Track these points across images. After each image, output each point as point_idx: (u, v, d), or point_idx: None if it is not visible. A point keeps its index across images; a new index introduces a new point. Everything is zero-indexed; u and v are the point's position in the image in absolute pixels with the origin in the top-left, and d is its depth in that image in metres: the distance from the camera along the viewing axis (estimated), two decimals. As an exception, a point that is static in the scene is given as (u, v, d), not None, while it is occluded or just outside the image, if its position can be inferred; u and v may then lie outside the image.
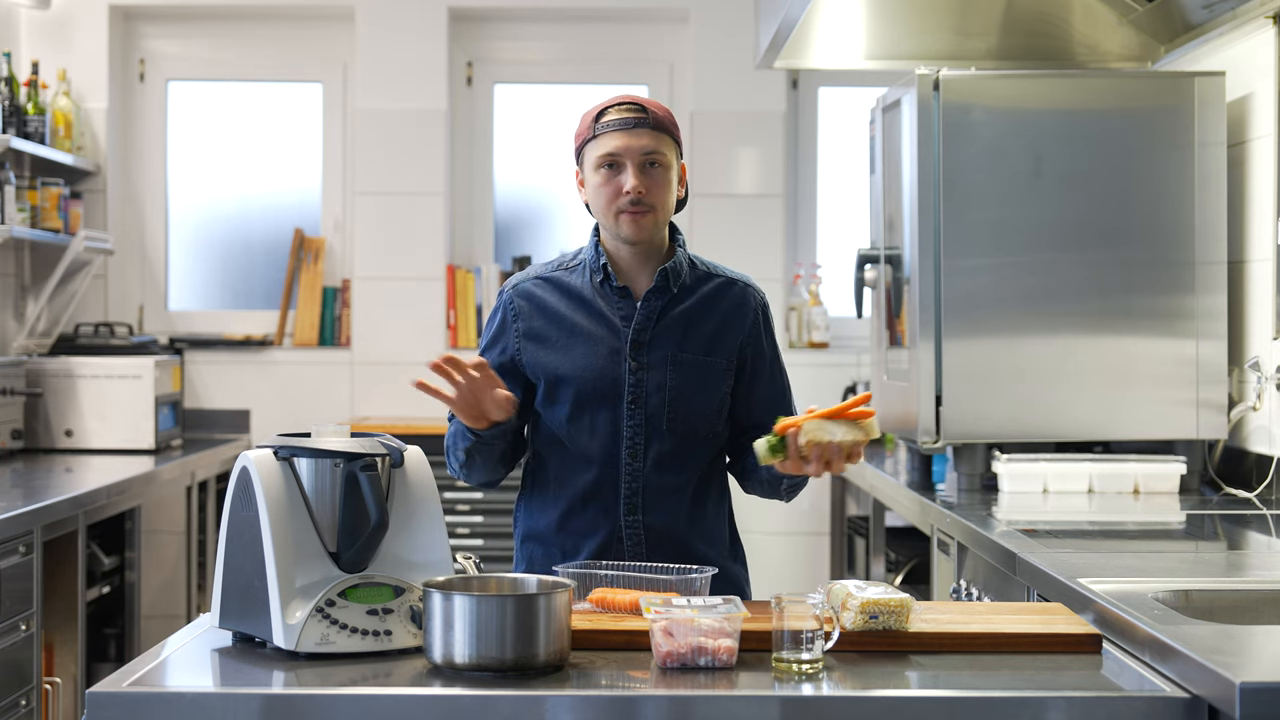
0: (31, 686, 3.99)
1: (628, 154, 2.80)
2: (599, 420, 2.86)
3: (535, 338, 2.89)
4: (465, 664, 2.13)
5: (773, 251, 6.17)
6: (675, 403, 2.86)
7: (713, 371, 2.90)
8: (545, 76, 6.39)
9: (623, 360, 2.86)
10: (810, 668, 2.17)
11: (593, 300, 2.89)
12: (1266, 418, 4.02)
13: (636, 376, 2.85)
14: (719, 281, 2.94)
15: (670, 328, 2.88)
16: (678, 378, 2.86)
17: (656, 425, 2.86)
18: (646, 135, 2.81)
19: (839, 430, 2.60)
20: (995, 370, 4.18)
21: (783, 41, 4.86)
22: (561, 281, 2.93)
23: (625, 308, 2.88)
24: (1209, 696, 2.00)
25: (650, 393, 2.86)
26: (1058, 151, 4.19)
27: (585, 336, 2.87)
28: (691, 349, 2.88)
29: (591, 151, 2.84)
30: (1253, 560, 3.24)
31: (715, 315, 2.91)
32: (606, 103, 2.86)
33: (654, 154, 2.81)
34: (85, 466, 5.09)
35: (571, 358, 2.87)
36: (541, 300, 2.91)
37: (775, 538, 6.12)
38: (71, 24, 6.06)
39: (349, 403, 6.16)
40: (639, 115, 2.82)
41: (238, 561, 2.34)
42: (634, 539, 2.87)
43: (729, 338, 2.91)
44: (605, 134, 2.81)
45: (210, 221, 6.37)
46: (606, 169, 2.82)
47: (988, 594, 3.32)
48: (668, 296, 2.88)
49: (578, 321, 2.89)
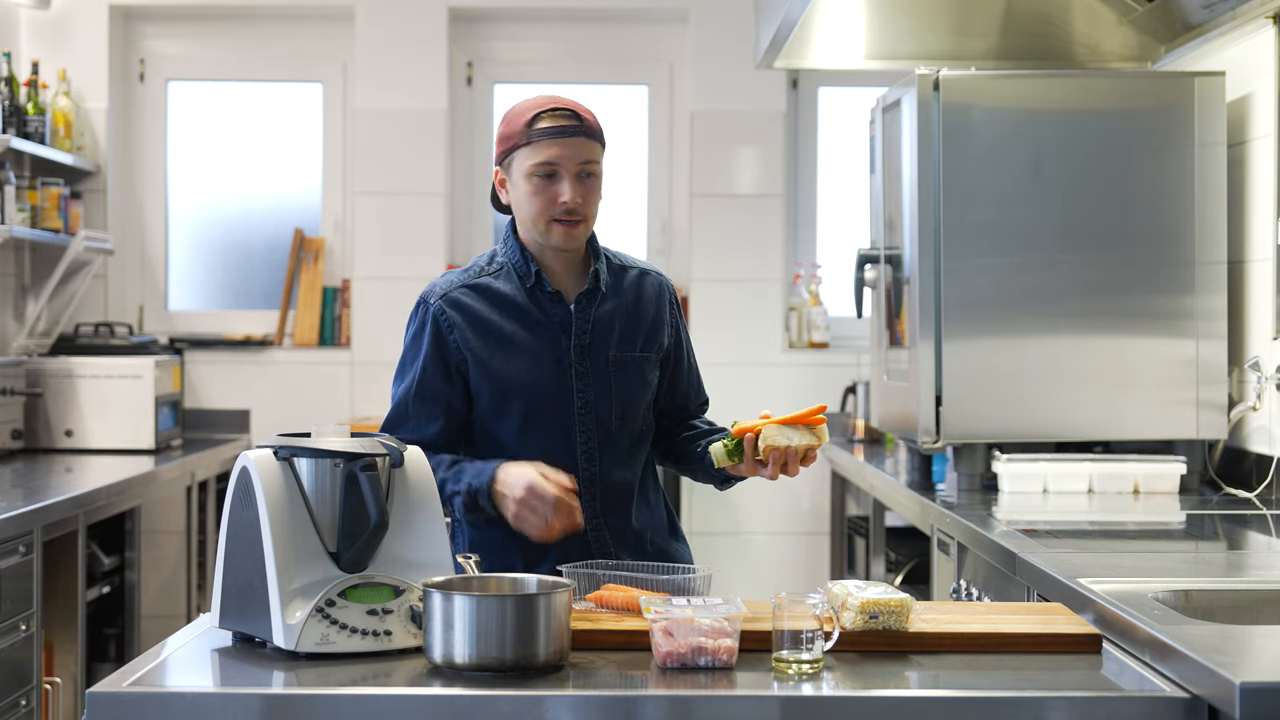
0: (31, 686, 3.99)
1: (564, 164, 2.75)
2: (552, 430, 2.83)
3: (474, 350, 2.82)
4: (465, 664, 2.13)
5: (773, 251, 6.17)
6: (621, 402, 2.86)
7: (648, 365, 2.91)
8: (545, 76, 6.38)
9: (568, 368, 2.83)
10: (810, 668, 2.17)
11: (527, 307, 2.83)
12: (1266, 418, 4.02)
13: (584, 382, 2.84)
14: (634, 274, 2.94)
15: (605, 328, 2.86)
16: (620, 377, 2.86)
17: (607, 427, 2.85)
18: (583, 144, 2.77)
19: (795, 435, 2.69)
20: (995, 370, 4.18)
21: (783, 41, 4.86)
22: (489, 288, 2.85)
23: (559, 313, 2.84)
24: (1209, 696, 2.00)
25: (598, 397, 2.84)
26: (1058, 151, 4.19)
27: (525, 347, 2.82)
28: (628, 346, 2.88)
29: (524, 158, 2.77)
30: (1253, 560, 3.24)
31: (641, 309, 2.91)
32: (537, 106, 2.79)
33: (589, 163, 2.77)
34: (85, 466, 5.09)
35: (515, 369, 2.81)
36: (472, 310, 2.83)
37: (775, 538, 6.12)
38: (71, 24, 6.06)
39: (349, 403, 6.16)
40: (575, 123, 2.77)
41: (238, 561, 2.33)
42: (599, 541, 2.87)
43: (656, 329, 2.92)
44: (540, 141, 2.75)
45: (210, 221, 6.37)
46: (541, 178, 2.76)
47: (988, 594, 3.32)
48: (599, 297, 2.87)
49: (514, 331, 2.82)
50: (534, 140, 2.76)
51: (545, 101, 2.80)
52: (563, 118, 2.77)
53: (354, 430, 2.42)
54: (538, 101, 2.81)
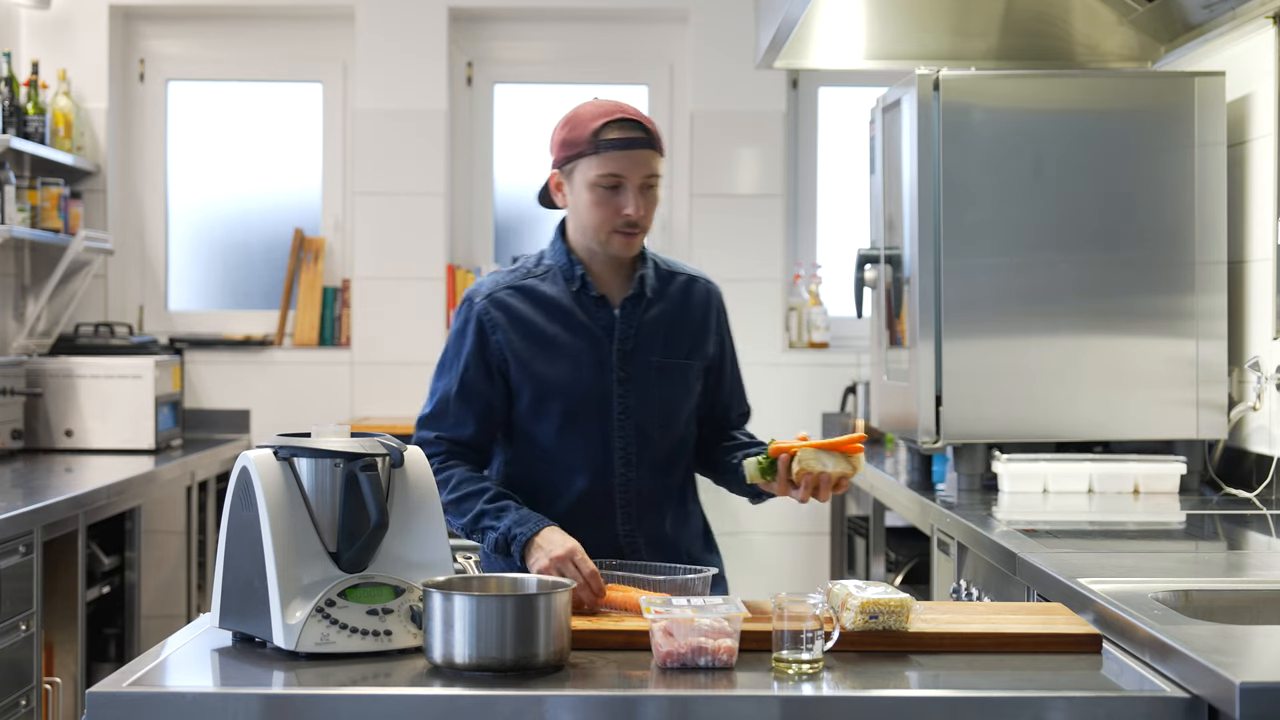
0: (31, 686, 3.99)
1: (630, 176, 2.75)
2: (590, 432, 2.83)
3: (516, 351, 2.82)
4: (465, 664, 2.13)
5: (773, 251, 6.17)
6: (662, 408, 2.86)
7: (692, 373, 2.90)
8: (545, 76, 6.39)
9: (610, 371, 2.83)
10: (810, 668, 2.17)
11: (571, 310, 2.83)
12: (1266, 418, 4.02)
13: (625, 387, 2.83)
14: (682, 280, 2.93)
15: (650, 334, 2.86)
16: (663, 384, 2.85)
17: (647, 433, 2.85)
18: (648, 156, 2.76)
19: (830, 461, 2.63)
20: (995, 370, 4.18)
21: (783, 41, 4.86)
22: (535, 290, 2.85)
23: (604, 317, 2.84)
24: (1209, 696, 2.00)
25: (639, 402, 2.84)
26: (1058, 151, 4.19)
27: (568, 349, 2.82)
28: (673, 353, 2.87)
29: (589, 168, 2.76)
30: (1253, 560, 3.24)
31: (687, 316, 2.90)
32: (604, 114, 2.77)
33: (653, 176, 2.77)
34: (85, 466, 5.09)
35: (557, 371, 2.81)
36: (516, 310, 2.84)
37: (775, 538, 6.12)
38: (71, 24, 6.06)
39: (349, 403, 6.16)
40: (642, 135, 2.75)
41: (238, 561, 2.34)
42: (632, 547, 2.87)
43: (703, 337, 2.91)
44: (608, 152, 2.74)
45: (210, 221, 6.37)
46: (605, 189, 2.76)
47: (988, 594, 3.32)
48: (644, 302, 2.86)
49: (557, 334, 2.82)
50: (600, 151, 2.74)
51: (612, 110, 2.78)
52: (630, 129, 2.75)
53: (354, 430, 2.42)
54: (604, 109, 2.78)
